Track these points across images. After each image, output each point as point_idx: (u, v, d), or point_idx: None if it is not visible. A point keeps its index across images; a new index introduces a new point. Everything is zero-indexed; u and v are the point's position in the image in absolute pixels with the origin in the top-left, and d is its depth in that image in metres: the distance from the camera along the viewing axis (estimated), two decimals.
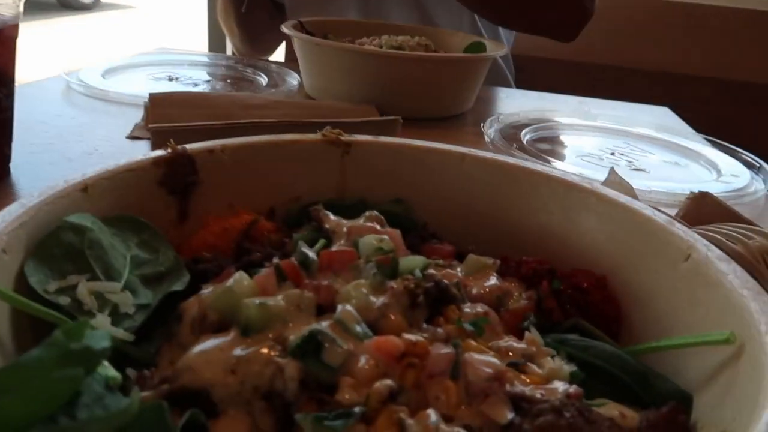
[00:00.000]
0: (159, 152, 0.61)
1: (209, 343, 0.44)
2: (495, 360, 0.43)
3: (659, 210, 0.94)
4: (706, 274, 0.48)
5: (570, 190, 0.63)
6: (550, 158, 1.22)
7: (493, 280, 0.58)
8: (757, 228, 0.86)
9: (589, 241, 0.61)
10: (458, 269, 0.60)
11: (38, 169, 0.97)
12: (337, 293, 0.48)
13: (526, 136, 1.36)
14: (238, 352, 0.43)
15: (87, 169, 0.53)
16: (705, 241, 0.52)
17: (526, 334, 0.51)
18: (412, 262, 0.50)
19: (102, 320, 0.44)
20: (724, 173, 1.24)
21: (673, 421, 0.43)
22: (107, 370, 0.37)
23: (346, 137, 0.70)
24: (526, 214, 0.66)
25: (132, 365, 0.46)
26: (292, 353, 0.41)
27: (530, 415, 0.40)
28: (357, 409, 0.39)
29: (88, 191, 0.53)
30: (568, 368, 0.48)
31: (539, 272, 0.59)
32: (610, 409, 0.43)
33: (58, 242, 0.48)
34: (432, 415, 0.39)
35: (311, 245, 0.55)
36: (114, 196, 0.56)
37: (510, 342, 0.51)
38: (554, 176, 0.64)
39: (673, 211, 0.98)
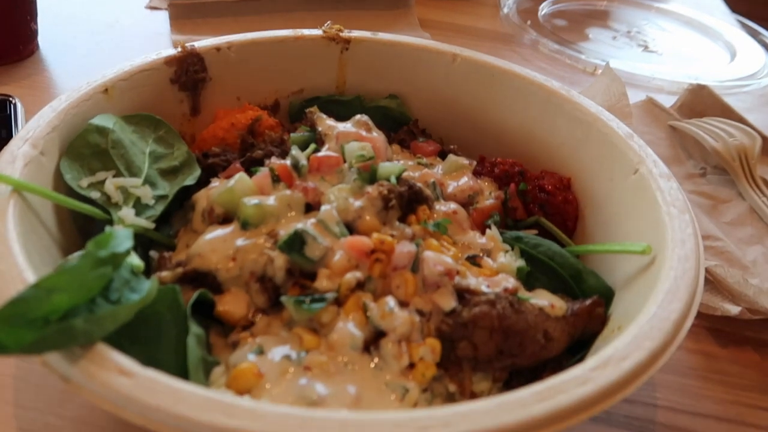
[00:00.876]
0: (170, 51, 0.66)
1: (215, 234, 0.53)
2: (448, 259, 0.52)
3: (655, 101, 0.98)
4: (647, 188, 0.55)
5: (550, 95, 0.68)
6: (562, 37, 1.22)
7: (467, 180, 0.65)
8: (743, 126, 0.90)
9: (561, 144, 0.67)
10: (438, 167, 0.67)
11: (64, 43, 1.03)
12: (322, 195, 0.56)
13: (543, 9, 1.35)
14: (238, 242, 0.52)
15: (109, 43, 0.58)
16: (655, 157, 0.58)
17: (487, 231, 0.60)
18: (389, 169, 0.58)
19: (127, 212, 0.53)
20: (738, 58, 1.23)
21: (592, 312, 0.52)
22: (133, 259, 0.47)
23: (345, 34, 0.74)
24: (508, 115, 0.71)
25: (154, 247, 0.56)
26: (281, 247, 0.50)
27: (470, 305, 0.49)
28: (329, 295, 0.48)
29: (108, 92, 0.60)
30: (516, 264, 0.56)
31: (510, 174, 0.66)
32: (543, 299, 0.53)
33: (86, 143, 0.56)
34: (390, 301, 0.49)
35: (305, 145, 0.62)
36: (132, 95, 0.63)
37: (473, 237, 0.59)
38: (536, 81, 0.69)
39: (672, 99, 1.02)
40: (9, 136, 0.74)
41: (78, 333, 0.35)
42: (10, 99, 0.81)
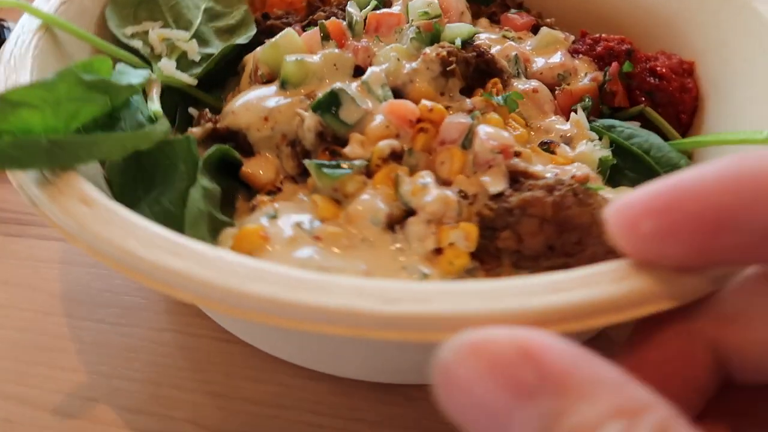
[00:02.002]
0: None
1: (252, 93, 0.48)
2: (505, 134, 0.43)
3: None
4: None
5: None
6: None
7: (561, 58, 0.54)
8: None
9: (683, 21, 0.53)
10: (528, 42, 0.56)
11: None
12: (374, 55, 0.48)
13: None
14: (273, 102, 0.47)
15: None
16: None
17: (572, 115, 0.49)
18: (456, 30, 0.49)
19: (167, 64, 0.50)
20: None
21: None
22: (153, 105, 0.44)
23: None
24: None
25: (199, 107, 0.53)
26: (313, 107, 0.44)
27: (522, 189, 0.41)
28: (358, 162, 0.42)
29: None
30: (599, 153, 0.46)
31: (616, 52, 0.54)
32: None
33: None
34: (426, 176, 0.41)
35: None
36: None
37: (553, 122, 0.49)
38: None
39: None
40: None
41: (39, 151, 0.32)
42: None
